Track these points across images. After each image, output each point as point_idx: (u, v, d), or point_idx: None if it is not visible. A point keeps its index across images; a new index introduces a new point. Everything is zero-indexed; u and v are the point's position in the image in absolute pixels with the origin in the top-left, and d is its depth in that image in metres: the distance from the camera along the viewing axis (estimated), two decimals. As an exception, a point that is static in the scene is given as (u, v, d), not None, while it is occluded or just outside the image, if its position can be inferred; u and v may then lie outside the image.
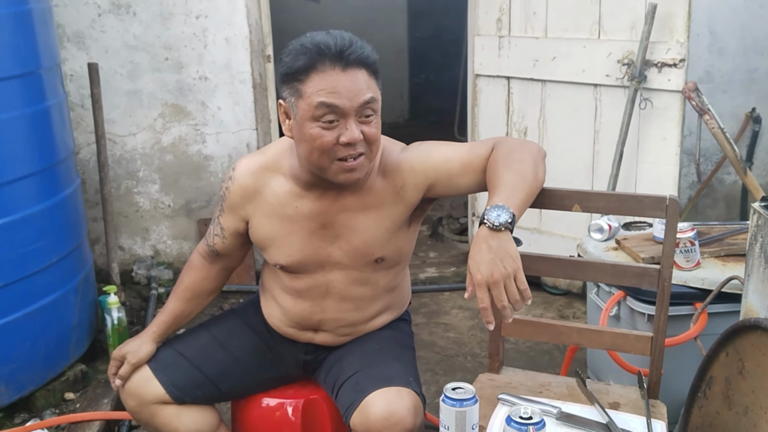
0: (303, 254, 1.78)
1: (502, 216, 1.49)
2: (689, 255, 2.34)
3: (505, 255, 1.46)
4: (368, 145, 1.62)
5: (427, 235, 4.58)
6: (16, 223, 2.53)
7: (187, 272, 1.99)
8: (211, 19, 3.60)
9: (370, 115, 1.60)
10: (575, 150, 3.49)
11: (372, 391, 1.66)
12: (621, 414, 1.63)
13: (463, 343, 3.24)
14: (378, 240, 1.76)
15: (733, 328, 1.81)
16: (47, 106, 2.71)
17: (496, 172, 1.62)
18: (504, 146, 1.68)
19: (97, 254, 3.66)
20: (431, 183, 1.73)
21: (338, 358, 1.88)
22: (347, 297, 1.83)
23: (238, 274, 3.72)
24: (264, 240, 1.82)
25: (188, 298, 1.98)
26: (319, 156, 1.60)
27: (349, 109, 1.57)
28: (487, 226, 1.49)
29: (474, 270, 1.46)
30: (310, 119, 1.57)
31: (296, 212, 1.76)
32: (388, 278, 1.86)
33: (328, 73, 1.55)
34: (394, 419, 1.61)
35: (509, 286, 1.44)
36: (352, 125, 1.58)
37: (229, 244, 1.91)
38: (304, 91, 1.57)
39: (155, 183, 3.79)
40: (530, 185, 1.61)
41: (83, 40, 3.57)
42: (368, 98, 1.58)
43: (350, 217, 1.75)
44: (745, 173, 2.99)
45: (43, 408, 2.69)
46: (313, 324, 1.88)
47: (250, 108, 3.71)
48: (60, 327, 2.77)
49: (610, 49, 3.27)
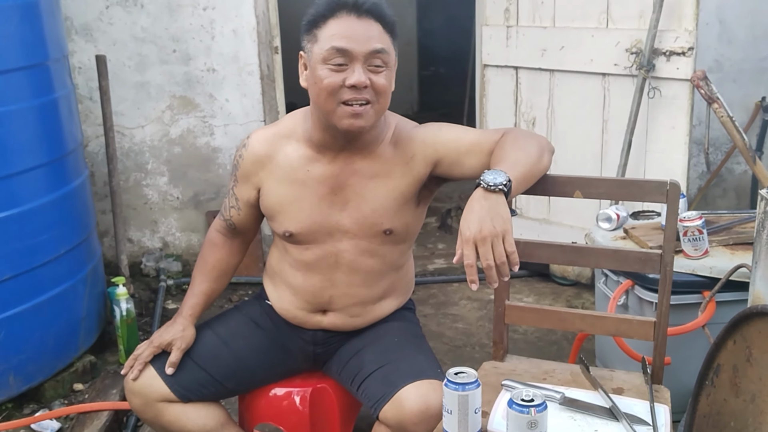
0: (312, 221, 1.80)
1: (498, 178, 1.51)
2: (697, 243, 2.33)
3: (495, 215, 1.47)
4: (376, 95, 1.66)
5: (436, 226, 4.57)
6: (24, 215, 2.54)
7: (210, 251, 2.01)
8: (218, 11, 3.60)
9: (380, 66, 1.66)
10: (584, 140, 3.48)
11: (404, 384, 1.67)
12: (624, 399, 1.63)
13: (471, 334, 3.24)
14: (386, 210, 1.79)
15: (740, 316, 1.80)
16: (55, 97, 2.72)
17: (500, 150, 1.67)
18: (514, 133, 1.73)
19: (106, 247, 3.68)
20: (440, 158, 1.77)
21: (354, 351, 1.88)
22: (356, 269, 1.84)
23: (247, 266, 3.72)
24: (274, 206, 1.84)
25: (216, 276, 2.01)
26: (326, 98, 1.65)
27: (357, 54, 1.63)
28: (482, 187, 1.51)
29: (463, 227, 1.48)
30: (321, 62, 1.64)
31: (307, 176, 1.79)
32: (395, 254, 1.88)
33: (344, 19, 1.64)
34: (430, 412, 1.63)
35: (497, 246, 1.45)
36: (359, 69, 1.63)
37: (244, 216, 1.94)
38: (319, 35, 1.66)
39: (164, 175, 3.80)
40: (532, 165, 1.63)
41: (91, 33, 3.58)
42: (378, 48, 1.64)
43: (360, 183, 1.78)
44: (754, 162, 2.97)
45: (51, 398, 2.70)
46: (324, 301, 1.88)
47: (258, 100, 3.71)
48: (69, 318, 2.79)
49: (619, 38, 3.25)
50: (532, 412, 1.34)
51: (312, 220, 1.80)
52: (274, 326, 1.96)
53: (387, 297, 1.93)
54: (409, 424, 1.63)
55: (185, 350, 1.87)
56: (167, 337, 1.88)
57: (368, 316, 1.92)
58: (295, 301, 1.91)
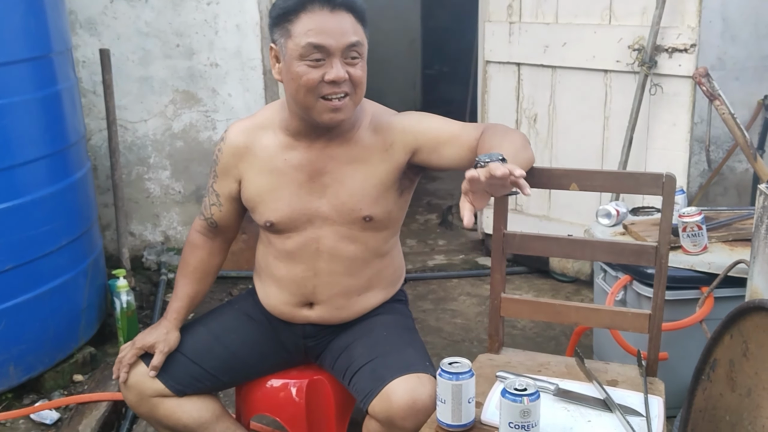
0: (291, 208, 1.81)
1: (494, 156, 1.48)
2: (696, 239, 2.33)
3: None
4: (353, 87, 1.69)
5: (437, 223, 4.58)
6: (26, 206, 2.55)
7: (191, 252, 2.01)
8: (222, 6, 3.61)
9: (355, 57, 1.68)
10: (585, 136, 3.48)
11: (392, 378, 1.67)
12: (619, 390, 1.63)
13: (469, 329, 3.25)
14: (365, 196, 1.79)
15: (737, 310, 1.80)
16: (58, 89, 2.73)
17: (485, 142, 1.67)
18: (494, 127, 1.75)
19: (108, 240, 3.69)
20: (419, 146, 1.77)
21: (345, 345, 1.88)
22: (338, 256, 1.84)
23: (247, 260, 3.72)
24: (254, 197, 1.85)
25: (198, 278, 2.00)
26: (305, 94, 1.66)
27: (335, 49, 1.64)
28: (480, 166, 1.46)
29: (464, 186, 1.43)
30: (298, 58, 1.64)
31: (285, 164, 1.80)
32: (377, 241, 1.87)
33: (317, 13, 1.63)
34: (417, 406, 1.62)
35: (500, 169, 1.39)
36: (338, 64, 1.65)
37: (226, 212, 1.93)
38: (292, 30, 1.65)
39: (166, 169, 3.81)
40: (520, 151, 1.64)
41: (95, 27, 3.59)
42: (354, 41, 1.66)
43: (338, 169, 1.79)
44: (755, 159, 2.97)
45: (51, 389, 2.72)
46: (308, 292, 1.88)
47: (260, 95, 3.72)
48: (69, 309, 2.80)
49: (621, 34, 3.25)
50: (524, 401, 1.35)
51: (291, 207, 1.81)
52: (266, 320, 1.96)
53: (373, 288, 1.92)
54: (397, 418, 1.63)
55: (168, 353, 1.86)
56: (150, 340, 1.87)
57: (355, 308, 1.91)
58: (280, 295, 1.91)
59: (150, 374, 1.83)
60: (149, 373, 1.83)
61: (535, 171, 1.75)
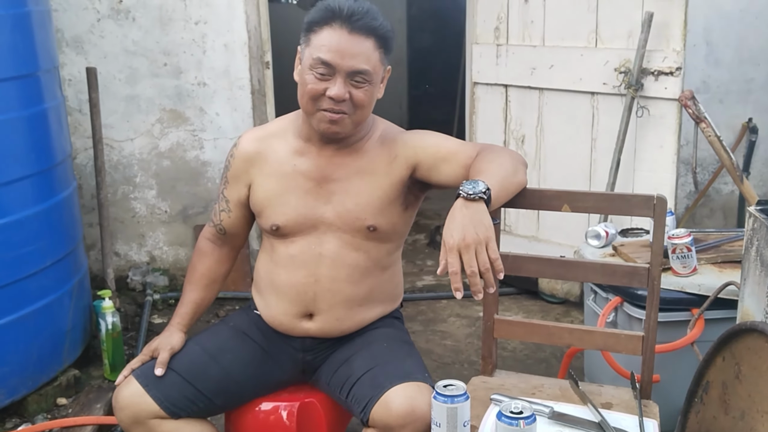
0: (297, 213, 1.84)
1: (477, 186, 1.54)
2: (686, 261, 2.34)
3: (478, 222, 1.49)
4: (354, 108, 1.74)
5: (425, 243, 4.58)
6: (11, 225, 2.52)
7: (200, 259, 2.04)
8: (210, 25, 3.61)
9: (361, 82, 1.73)
10: (572, 157, 3.50)
11: (392, 386, 1.67)
12: (613, 413, 1.63)
13: (460, 351, 3.23)
14: (369, 206, 1.83)
15: (729, 332, 1.80)
16: (45, 108, 2.71)
17: (476, 166, 1.71)
18: (489, 149, 1.79)
19: (93, 260, 3.65)
20: (419, 161, 1.82)
21: (344, 359, 1.87)
22: (340, 263, 1.85)
23: (234, 281, 3.71)
24: (262, 201, 1.88)
25: (205, 284, 2.03)
26: (307, 101, 1.75)
27: (340, 69, 1.70)
28: (462, 196, 1.54)
29: (447, 236, 1.49)
30: (309, 67, 1.73)
31: (294, 169, 1.85)
32: (380, 252, 1.89)
33: (336, 31, 1.70)
34: (416, 414, 1.62)
35: (480, 253, 1.46)
36: (340, 83, 1.71)
37: (235, 218, 1.97)
38: (312, 41, 1.73)
39: (152, 188, 3.78)
40: (507, 175, 1.68)
41: (82, 45, 3.58)
42: (361, 68, 1.71)
43: (345, 177, 1.83)
44: (741, 181, 2.99)
45: (35, 413, 2.67)
46: (309, 300, 1.87)
47: (248, 114, 3.71)
48: (53, 331, 2.76)
49: (607, 57, 3.28)
50: (521, 425, 1.34)
51: (297, 212, 1.84)
52: (263, 336, 1.95)
53: (373, 300, 1.92)
54: (395, 426, 1.62)
55: (172, 352, 1.88)
56: (154, 344, 1.90)
57: (354, 320, 1.91)
58: (280, 305, 1.90)
59: (157, 371, 1.83)
60: (156, 371, 1.83)
61: (527, 192, 1.76)
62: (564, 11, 3.40)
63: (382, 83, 1.82)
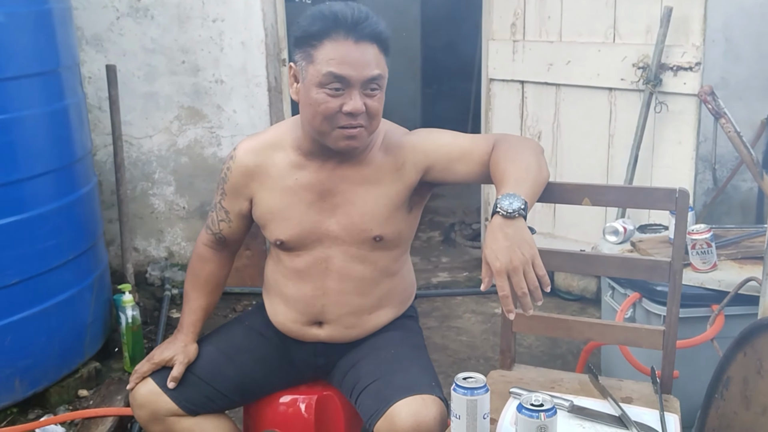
0: (302, 227, 1.80)
1: (515, 203, 1.49)
2: (706, 257, 2.33)
3: (521, 241, 1.46)
4: (369, 119, 1.67)
5: (440, 240, 4.58)
6: (33, 220, 2.55)
7: (201, 266, 2.00)
8: (227, 23, 3.62)
9: (375, 89, 1.66)
10: (590, 154, 3.49)
11: (396, 400, 1.64)
12: (634, 408, 1.62)
13: (475, 347, 3.24)
14: (375, 216, 1.78)
15: (750, 328, 1.80)
16: (66, 104, 2.74)
17: (499, 165, 1.65)
18: (504, 143, 1.72)
19: (112, 255, 3.68)
20: (430, 164, 1.76)
21: (352, 363, 1.86)
22: (347, 276, 1.82)
23: (251, 276, 3.73)
24: (265, 215, 1.84)
25: (210, 290, 2.00)
26: (321, 121, 1.66)
27: (355, 81, 1.62)
28: (501, 215, 1.49)
29: (492, 259, 1.45)
30: (318, 85, 1.63)
31: (296, 183, 1.79)
32: (387, 261, 1.86)
33: (341, 43, 1.61)
34: (421, 429, 1.60)
35: (528, 273, 1.43)
36: (357, 96, 1.63)
37: (235, 228, 1.92)
38: (315, 56, 1.63)
39: (170, 185, 3.81)
40: (535, 176, 1.63)
41: (101, 43, 3.61)
42: (375, 74, 1.64)
43: (349, 190, 1.78)
44: (761, 177, 2.98)
45: (56, 404, 2.70)
46: (317, 311, 1.86)
47: (265, 111, 3.73)
48: (75, 324, 2.79)
49: (625, 52, 3.26)
50: (541, 417, 1.34)
51: (301, 226, 1.80)
52: (277, 336, 1.95)
53: (383, 306, 1.90)
54: None
55: (187, 365, 1.85)
56: (168, 354, 1.86)
57: (365, 327, 1.89)
58: (288, 313, 1.89)
59: (169, 385, 1.81)
60: (169, 384, 1.81)
61: (547, 186, 1.73)
62: (581, 6, 3.38)
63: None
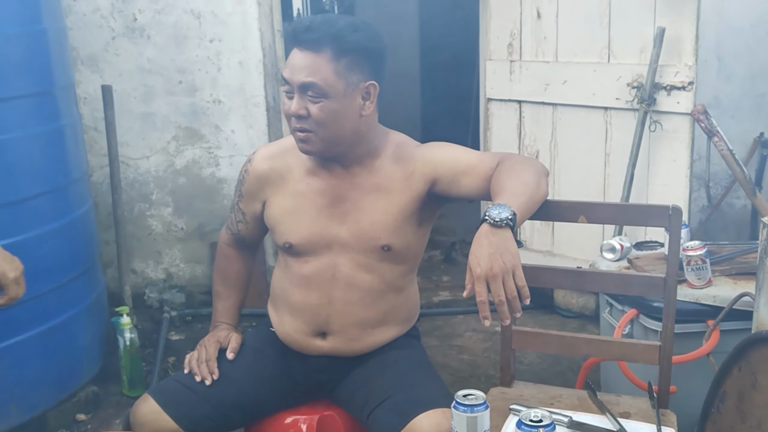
0: (311, 232, 1.83)
1: (503, 213, 1.52)
2: (700, 273, 2.34)
3: (504, 250, 1.48)
4: (316, 125, 1.72)
5: (441, 259, 4.58)
6: (29, 242, 2.54)
7: (229, 264, 2.08)
8: (225, 43, 3.65)
9: (313, 96, 1.70)
10: (586, 172, 3.51)
11: (417, 414, 1.66)
12: (631, 423, 1.63)
13: (477, 365, 3.23)
14: (384, 225, 1.81)
15: (745, 342, 1.81)
16: (61, 125, 2.75)
17: (499, 180, 1.69)
18: (509, 161, 1.76)
19: (110, 277, 3.67)
20: (437, 176, 1.80)
21: (362, 381, 1.86)
22: (353, 285, 1.84)
23: (250, 297, 3.70)
24: (276, 218, 1.89)
25: (241, 287, 2.10)
26: (288, 121, 1.77)
27: (293, 84, 1.70)
28: (489, 223, 1.51)
29: (473, 264, 1.48)
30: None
31: (307, 188, 1.85)
32: (394, 275, 1.87)
33: (294, 49, 1.72)
34: None
35: (507, 282, 1.46)
36: (296, 99, 1.71)
37: (252, 228, 2.00)
38: None
39: (168, 206, 3.81)
40: (532, 192, 1.65)
41: (97, 63, 3.62)
42: (307, 81, 1.69)
43: (359, 197, 1.82)
44: (754, 195, 3.00)
45: (54, 429, 2.68)
46: (322, 321, 1.87)
47: (263, 131, 3.74)
48: (72, 347, 2.78)
49: (620, 72, 3.29)
50: (540, 433, 1.34)
51: (311, 231, 1.84)
52: (279, 354, 1.96)
53: (387, 323, 1.91)
54: None
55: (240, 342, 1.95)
56: (223, 334, 1.97)
57: (368, 341, 1.90)
58: (294, 323, 1.91)
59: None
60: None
61: (544, 203, 1.75)
62: (577, 27, 3.42)
63: (371, 101, 1.75)
